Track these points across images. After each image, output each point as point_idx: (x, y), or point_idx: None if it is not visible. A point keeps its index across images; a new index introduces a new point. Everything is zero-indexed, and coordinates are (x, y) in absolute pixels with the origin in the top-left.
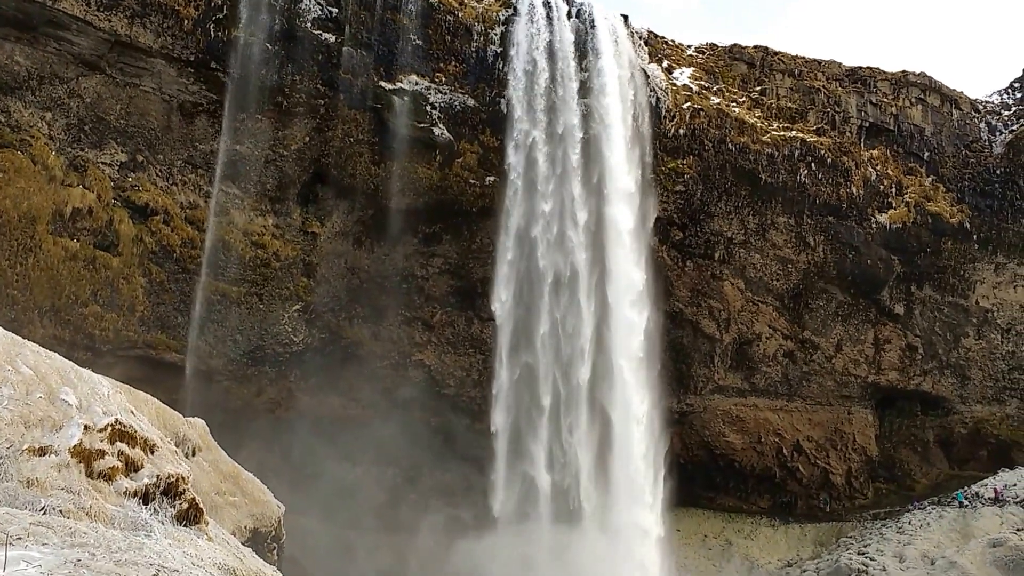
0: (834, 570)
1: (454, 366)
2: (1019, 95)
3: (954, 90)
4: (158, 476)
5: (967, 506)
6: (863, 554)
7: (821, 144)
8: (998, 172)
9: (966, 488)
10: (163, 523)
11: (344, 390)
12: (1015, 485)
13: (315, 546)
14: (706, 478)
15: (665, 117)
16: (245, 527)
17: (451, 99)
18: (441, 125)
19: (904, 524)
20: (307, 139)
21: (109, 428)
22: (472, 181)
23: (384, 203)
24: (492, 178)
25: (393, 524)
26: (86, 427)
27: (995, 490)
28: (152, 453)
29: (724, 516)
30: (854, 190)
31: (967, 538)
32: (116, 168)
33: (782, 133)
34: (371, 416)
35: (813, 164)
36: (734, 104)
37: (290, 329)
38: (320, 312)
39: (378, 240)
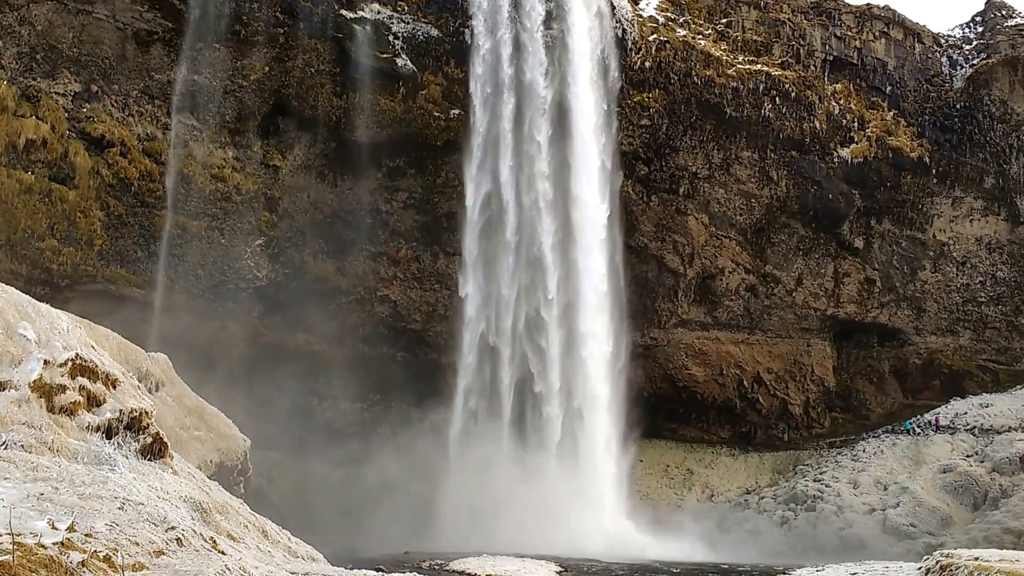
0: (791, 497)
1: (420, 301)
2: (980, 29)
3: (917, 23)
4: (121, 411)
5: (918, 434)
6: (819, 481)
7: (786, 78)
8: (958, 107)
9: (918, 417)
10: (127, 457)
11: (309, 325)
12: (965, 414)
13: (282, 479)
14: (669, 410)
15: (631, 50)
16: (211, 461)
17: (414, 29)
18: (404, 56)
19: (859, 452)
20: (267, 69)
21: (70, 363)
22: (437, 114)
23: (347, 136)
24: (457, 111)
25: (360, 457)
26: (46, 362)
27: (935, 419)
28: (114, 388)
29: (686, 447)
30: (817, 124)
31: (919, 464)
32: (70, 98)
33: (747, 67)
34: (337, 351)
35: (777, 98)
36: (700, 37)
37: (253, 264)
38: (283, 247)
39: (341, 174)
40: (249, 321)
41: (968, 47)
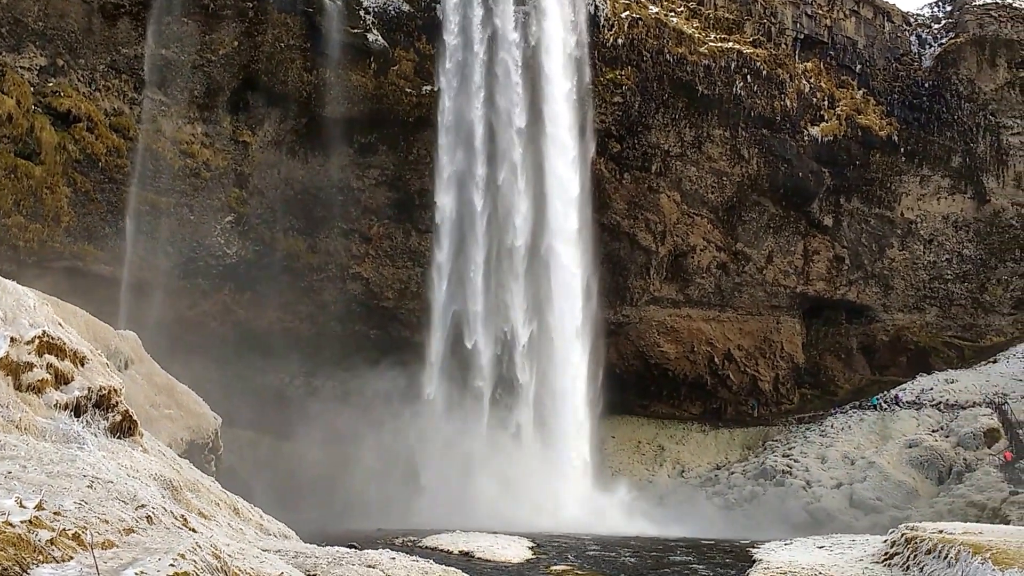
0: (760, 472)
1: (392, 278)
2: (948, 8)
3: (887, 2)
4: (89, 389)
5: (885, 409)
6: (788, 456)
7: (757, 56)
8: (926, 85)
9: (885, 392)
10: (96, 435)
11: (281, 303)
12: (931, 389)
13: (254, 457)
14: (640, 387)
15: (603, 26)
16: (181, 439)
17: (385, 4)
18: (375, 31)
19: (827, 427)
20: (236, 44)
21: (37, 340)
22: (408, 90)
23: (318, 112)
24: (429, 87)
25: (332, 435)
26: (12, 339)
27: (896, 396)
28: (82, 366)
29: (657, 423)
30: (788, 103)
31: (885, 439)
32: (35, 73)
33: (719, 44)
34: (308, 329)
35: (749, 76)
36: (672, 14)
37: (223, 241)
38: (254, 224)
39: (312, 150)
40: (219, 299)
41: (937, 26)
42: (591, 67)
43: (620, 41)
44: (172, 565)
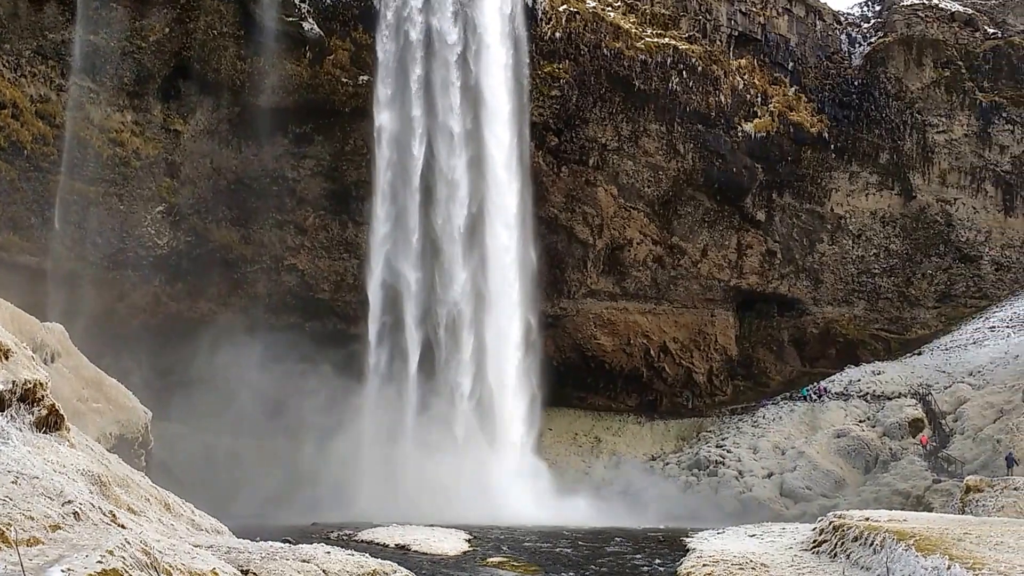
0: (694, 462)
1: (328, 270)
2: (878, 8)
3: (818, 1)
4: (14, 382)
5: (814, 400)
6: (721, 447)
7: (692, 52)
8: (856, 84)
9: (815, 384)
10: (21, 430)
11: (213, 295)
12: (859, 381)
13: (186, 452)
14: (577, 379)
15: (541, 20)
16: (110, 433)
17: None
18: (311, 19)
19: (759, 418)
20: (167, 30)
21: None
22: (344, 80)
23: (251, 101)
24: (365, 77)
25: (266, 429)
26: None
27: (819, 387)
28: (6, 359)
29: (594, 415)
30: (722, 99)
31: (815, 430)
32: None
33: (655, 40)
34: (242, 321)
35: (684, 72)
36: (609, 9)
37: (153, 231)
38: (185, 214)
39: (246, 139)
40: (150, 290)
41: (866, 25)
42: (529, 60)
43: (558, 35)
44: (100, 562)
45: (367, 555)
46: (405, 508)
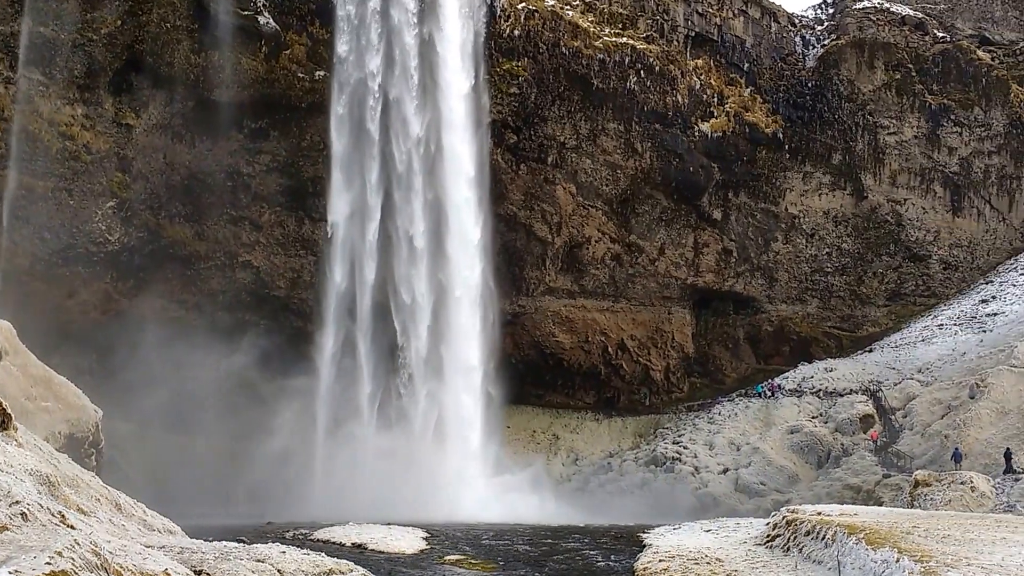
0: (651, 459)
1: (284, 267)
2: (831, 11)
3: (773, 3)
4: None
5: (769, 396)
6: (677, 443)
7: (650, 52)
8: (809, 85)
9: (770, 381)
10: None
11: (166, 292)
12: (812, 377)
13: (138, 451)
14: (536, 377)
15: (500, 17)
16: (59, 432)
17: None
18: (267, 13)
19: (715, 415)
20: (119, 23)
21: None
22: (301, 75)
23: (206, 95)
24: (322, 72)
25: (221, 428)
26: None
27: (771, 385)
28: None
29: (552, 412)
30: (679, 98)
31: (769, 426)
32: None
33: (613, 39)
34: (196, 319)
35: (642, 71)
36: (568, 7)
37: (104, 227)
38: (137, 210)
39: (200, 134)
40: (100, 287)
41: (820, 28)
42: (487, 57)
43: (516, 32)
44: (49, 563)
45: (323, 554)
46: (362, 507)
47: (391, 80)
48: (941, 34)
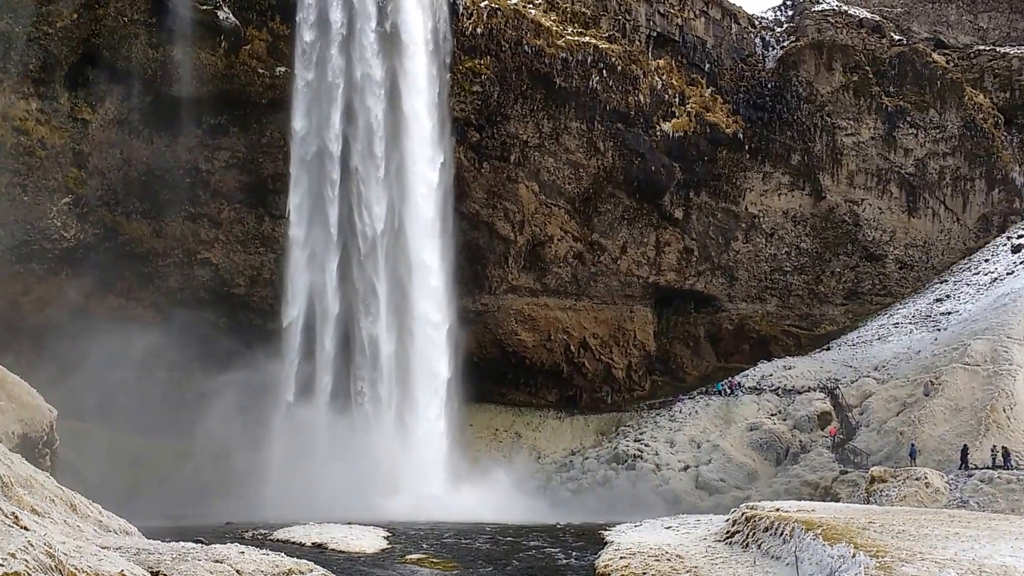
0: (613, 456)
1: (244, 265)
2: (791, 13)
3: (734, 5)
4: None
5: (729, 394)
6: (639, 441)
7: (612, 51)
8: (769, 86)
9: (730, 379)
10: None
11: (123, 290)
12: (771, 375)
13: (94, 451)
14: (498, 375)
15: (463, 15)
16: (12, 432)
17: None
18: (226, 8)
19: (676, 413)
20: (75, 16)
21: None
22: (261, 71)
23: (164, 90)
24: (283, 69)
25: (178, 426)
26: None
27: (729, 383)
28: None
29: (514, 411)
30: (641, 98)
31: (729, 423)
32: None
33: (576, 38)
34: (154, 317)
35: (605, 71)
36: (530, 6)
37: (60, 224)
38: (94, 206)
39: (158, 130)
40: (56, 284)
41: (779, 29)
42: (450, 55)
43: (479, 30)
44: (1, 565)
45: (283, 554)
46: (323, 506)
47: (353, 76)
48: (898, 37)
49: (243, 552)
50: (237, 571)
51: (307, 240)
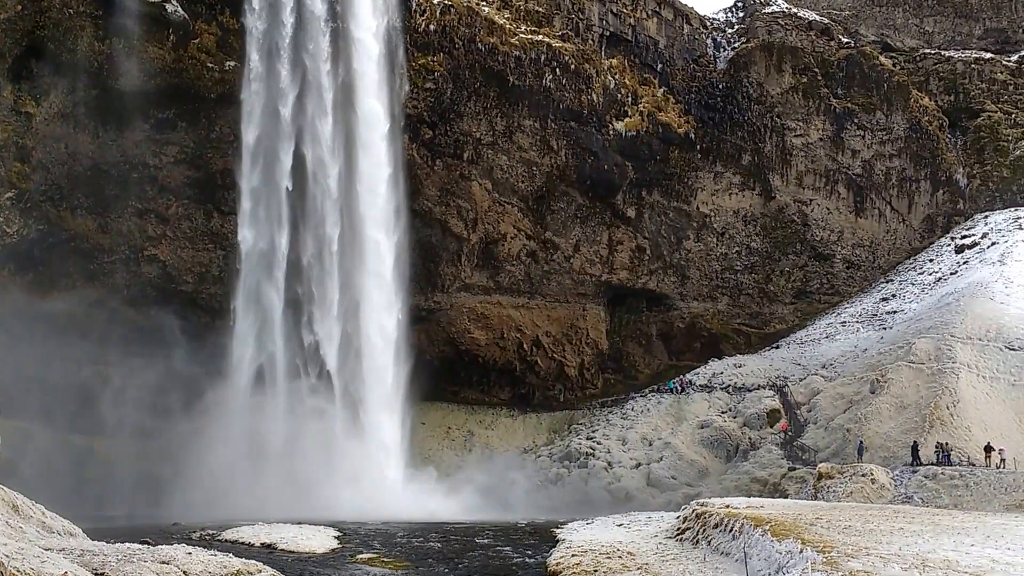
0: (565, 454)
1: (192, 261)
2: (741, 14)
3: (685, 5)
4: None
5: (680, 392)
6: (591, 439)
7: (565, 50)
8: (720, 87)
9: (681, 376)
10: None
11: (67, 286)
12: (722, 373)
13: (36, 451)
14: (451, 373)
15: (415, 11)
16: None
17: None
18: (175, 1)
19: (628, 410)
20: (19, 8)
21: None
22: (210, 65)
23: (110, 84)
24: (232, 63)
25: (124, 427)
26: None
27: (686, 381)
28: None
29: (467, 409)
30: (595, 97)
31: (680, 421)
32: None
33: (529, 37)
34: (98, 313)
35: (558, 69)
36: (484, 3)
37: (2, 219)
38: (37, 201)
39: (104, 124)
40: None
41: (731, 31)
42: (403, 51)
43: (432, 27)
44: None
45: (231, 555)
46: (273, 506)
47: (304, 71)
48: (846, 40)
49: (190, 553)
50: (184, 572)
51: (257, 237)
